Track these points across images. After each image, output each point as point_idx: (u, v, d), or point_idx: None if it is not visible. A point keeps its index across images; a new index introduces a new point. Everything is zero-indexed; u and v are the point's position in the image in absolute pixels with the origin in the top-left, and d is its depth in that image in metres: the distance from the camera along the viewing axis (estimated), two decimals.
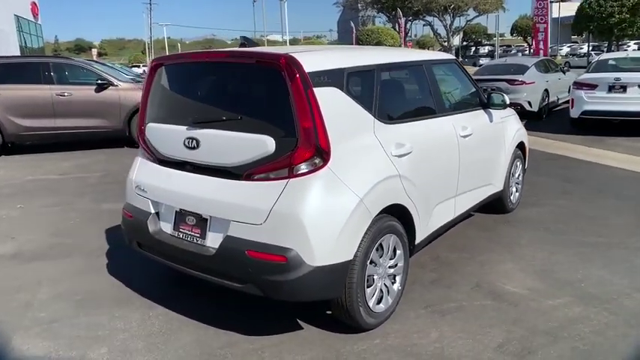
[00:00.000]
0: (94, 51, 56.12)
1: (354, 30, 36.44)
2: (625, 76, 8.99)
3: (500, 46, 58.36)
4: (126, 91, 9.47)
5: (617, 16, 13.31)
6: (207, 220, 2.86)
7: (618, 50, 15.17)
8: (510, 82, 11.15)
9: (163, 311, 3.30)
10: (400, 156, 3.06)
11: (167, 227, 3.09)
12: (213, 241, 2.82)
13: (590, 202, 5.49)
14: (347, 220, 2.63)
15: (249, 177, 2.68)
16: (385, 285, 3.04)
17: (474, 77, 12.53)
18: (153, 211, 3.14)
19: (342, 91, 2.79)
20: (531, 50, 16.95)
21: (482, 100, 4.39)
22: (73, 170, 7.85)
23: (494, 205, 4.82)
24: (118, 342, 2.96)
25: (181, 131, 2.94)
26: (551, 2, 17.14)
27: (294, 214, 2.54)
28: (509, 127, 4.79)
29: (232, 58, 2.95)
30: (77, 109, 9.15)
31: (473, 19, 42.13)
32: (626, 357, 2.72)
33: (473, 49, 52.14)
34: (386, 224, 2.91)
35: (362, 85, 3.00)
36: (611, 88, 9.03)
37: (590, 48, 35.55)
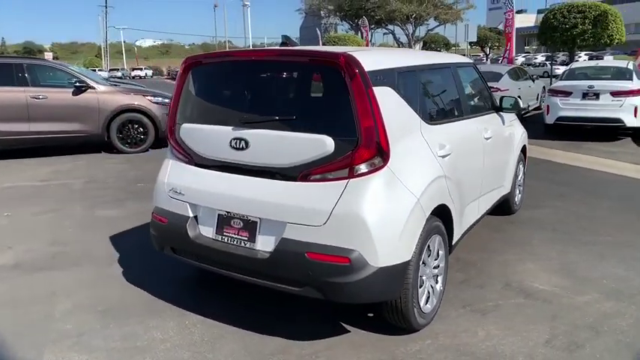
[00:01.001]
0: (49, 54, 53.75)
1: (320, 37, 36.66)
2: (598, 84, 9.45)
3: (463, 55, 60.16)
4: (105, 94, 9.14)
5: (580, 27, 14.05)
6: (256, 222, 2.79)
7: (573, 60, 16.09)
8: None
9: (199, 319, 3.18)
10: (443, 157, 3.08)
11: (208, 231, 2.98)
12: (264, 244, 2.74)
13: (585, 203, 5.71)
14: (406, 220, 2.62)
15: (305, 178, 2.63)
16: (431, 286, 3.05)
17: None
18: (191, 215, 3.03)
19: (395, 90, 2.79)
20: (505, 58, 17.55)
21: (494, 104, 4.50)
22: (54, 176, 7.47)
23: (502, 206, 4.94)
24: (161, 352, 2.83)
25: (226, 132, 2.85)
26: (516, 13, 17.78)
27: (357, 214, 2.51)
28: (516, 131, 4.93)
29: (284, 57, 2.89)
30: (53, 113, 8.73)
31: (433, 28, 43.27)
32: None
33: None
34: (434, 224, 2.93)
35: (409, 86, 3.01)
36: (584, 95, 9.46)
37: (544, 58, 37.23)
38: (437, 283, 3.14)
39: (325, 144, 2.55)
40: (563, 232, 4.76)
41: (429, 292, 3.02)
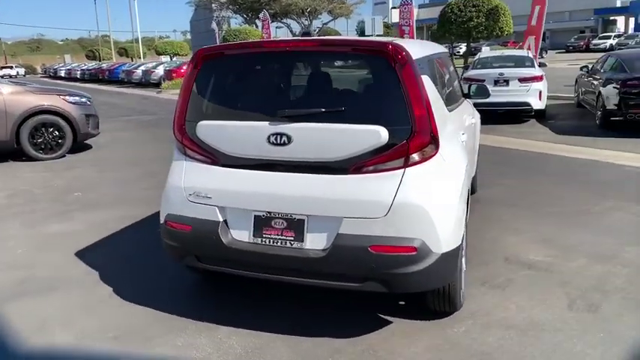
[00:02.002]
0: None
1: (217, 30, 35.70)
2: (507, 72, 10.36)
3: None
4: (12, 95, 8.08)
5: (475, 20, 15.31)
6: (303, 221, 2.67)
7: (474, 50, 17.58)
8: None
9: (230, 330, 2.98)
10: (463, 142, 3.19)
11: (243, 235, 2.79)
12: (315, 242, 2.64)
13: (528, 179, 6.25)
14: (458, 205, 2.68)
15: (358, 170, 2.57)
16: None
17: None
18: (221, 219, 2.81)
19: (430, 78, 2.82)
20: None
21: (463, 91, 4.74)
22: None
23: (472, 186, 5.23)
24: None
25: (263, 127, 2.68)
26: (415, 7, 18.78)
27: (419, 203, 2.52)
28: (477, 115, 5.24)
29: (326, 47, 2.77)
30: None
31: (328, 22, 44.25)
32: None
33: None
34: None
35: (433, 73, 3.06)
36: (496, 82, 10.30)
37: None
38: (463, 263, 3.26)
39: (380, 134, 2.51)
40: (525, 207, 5.17)
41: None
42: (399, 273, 2.51)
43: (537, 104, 10.23)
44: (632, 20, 43.94)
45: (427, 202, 2.54)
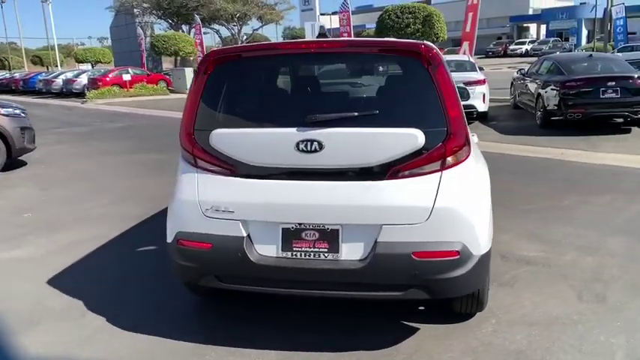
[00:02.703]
0: None
1: (143, 36, 34.25)
2: (454, 75, 10.73)
3: None
4: None
5: (412, 26, 15.84)
6: (337, 230, 2.55)
7: None
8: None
9: (257, 353, 2.78)
10: (477, 143, 3.22)
11: (270, 249, 2.63)
12: (351, 252, 2.54)
13: (493, 178, 6.47)
14: (489, 206, 2.69)
15: (395, 175, 2.50)
16: None
17: None
18: (244, 234, 2.63)
19: None
20: None
21: None
22: None
23: None
24: None
25: (290, 134, 2.53)
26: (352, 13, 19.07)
27: (459, 206, 2.50)
28: None
29: (354, 48, 2.66)
30: None
31: (258, 28, 43.94)
32: None
33: None
34: None
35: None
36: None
37: None
38: None
39: (417, 138, 2.46)
40: (503, 204, 5.32)
41: None
42: (443, 278, 2.47)
43: (481, 107, 10.71)
44: (543, 27, 47.63)
45: (466, 204, 2.52)
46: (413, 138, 2.47)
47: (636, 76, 8.91)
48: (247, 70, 2.75)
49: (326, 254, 2.56)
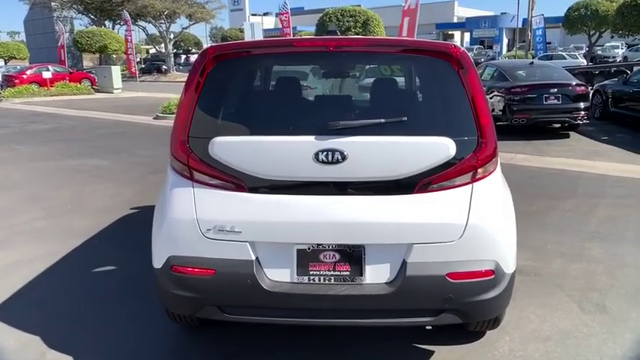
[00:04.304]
0: None
1: (63, 32, 31.85)
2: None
3: None
4: None
5: (353, 30, 15.86)
6: (360, 251, 2.28)
7: None
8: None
9: None
10: None
11: (281, 274, 2.30)
12: (376, 275, 2.27)
13: None
14: (515, 218, 2.53)
15: (425, 188, 2.27)
16: None
17: None
18: (253, 257, 2.28)
19: None
20: None
21: None
22: None
23: None
24: None
25: (309, 143, 2.22)
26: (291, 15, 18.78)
27: (492, 221, 2.31)
28: None
29: (375, 48, 2.38)
30: None
31: (188, 27, 42.24)
32: None
33: (183, 57, 52.76)
34: None
35: None
36: None
37: None
38: None
39: (448, 147, 2.24)
40: None
41: None
42: (478, 300, 2.27)
43: None
44: (467, 35, 50.02)
45: (498, 219, 2.35)
46: (444, 147, 2.24)
47: (574, 83, 9.39)
48: (255, 69, 2.40)
49: (348, 278, 2.28)
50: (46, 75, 22.93)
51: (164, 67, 41.18)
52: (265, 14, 59.64)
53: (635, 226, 4.76)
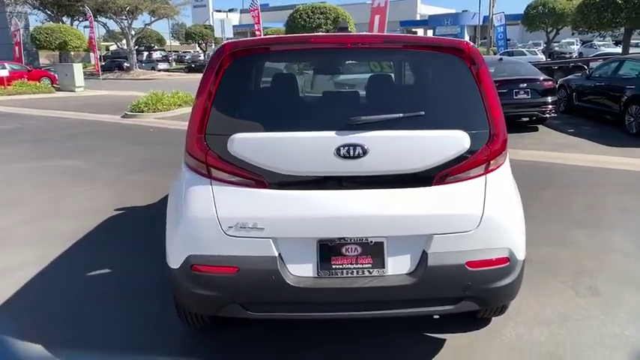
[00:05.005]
0: None
1: (20, 28, 30.54)
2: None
3: (184, 52, 59.22)
4: None
5: (324, 27, 15.90)
6: (381, 243, 2.33)
7: None
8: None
9: None
10: None
11: (304, 269, 2.33)
12: (398, 266, 2.33)
13: None
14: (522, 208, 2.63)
15: (442, 180, 2.34)
16: None
17: None
18: (276, 254, 2.30)
19: None
20: None
21: None
22: None
23: None
24: None
25: (330, 138, 2.25)
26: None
27: (506, 210, 2.41)
28: None
29: (392, 44, 2.42)
30: None
31: (151, 23, 41.20)
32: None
33: (145, 54, 51.59)
34: None
35: None
36: None
37: None
38: None
39: (463, 140, 2.32)
40: None
41: None
42: (495, 287, 2.37)
43: None
44: (430, 32, 50.91)
45: (511, 208, 2.45)
46: (460, 141, 2.32)
47: (542, 78, 9.74)
48: (273, 66, 2.40)
49: (370, 270, 2.33)
50: (3, 73, 21.93)
51: (126, 64, 40.13)
52: (230, 10, 58.96)
53: (612, 213, 5.01)
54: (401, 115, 2.30)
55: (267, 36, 2.44)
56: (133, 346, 2.87)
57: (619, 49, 25.27)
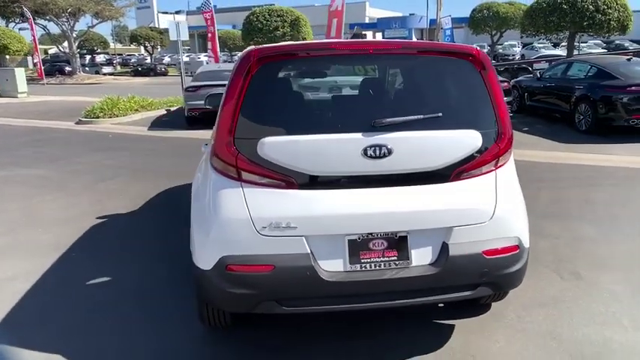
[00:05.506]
0: None
1: None
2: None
3: (129, 55, 57.36)
4: None
5: (281, 29, 15.97)
6: (405, 237, 2.49)
7: None
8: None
9: None
10: None
11: (336, 264, 2.45)
12: (420, 257, 2.50)
13: None
14: None
15: (458, 176, 2.53)
16: None
17: (194, 84, 12.66)
18: (309, 251, 2.41)
19: None
20: (211, 57, 17.86)
21: None
22: None
23: None
24: None
25: (357, 139, 2.39)
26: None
27: (515, 202, 2.64)
28: None
29: (410, 50, 2.58)
30: None
31: (94, 25, 39.64)
32: None
33: (88, 57, 49.66)
34: None
35: None
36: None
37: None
38: None
39: (477, 139, 2.53)
40: None
41: None
42: (507, 273, 2.58)
43: None
44: (379, 35, 51.96)
45: (518, 200, 2.69)
46: (474, 139, 2.53)
47: (501, 79, 10.29)
48: (299, 71, 2.50)
49: (396, 262, 2.48)
50: None
51: (67, 68, 38.45)
52: (177, 12, 57.73)
53: (576, 205, 5.43)
54: (421, 116, 2.48)
55: (295, 42, 2.53)
56: (152, 350, 2.88)
57: (558, 51, 26.93)
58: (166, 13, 55.57)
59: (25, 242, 4.67)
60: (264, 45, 2.60)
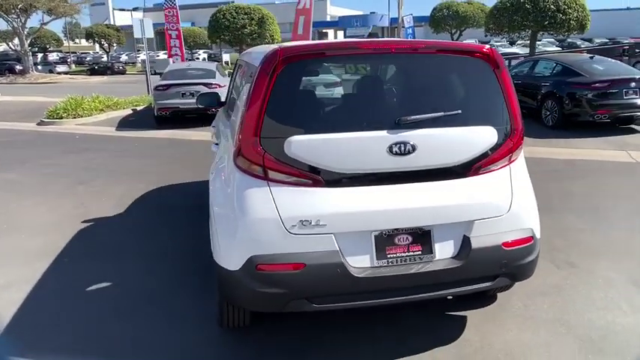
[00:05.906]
0: None
1: None
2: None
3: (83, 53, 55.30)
4: None
5: (249, 27, 15.80)
6: (429, 231, 2.56)
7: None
8: (207, 85, 11.70)
9: None
10: None
11: (363, 260, 2.49)
12: (443, 251, 2.57)
13: None
14: None
15: (477, 171, 2.62)
16: None
17: (163, 82, 12.41)
18: (337, 248, 2.43)
19: None
20: (176, 56, 17.40)
21: None
22: None
23: None
24: None
25: (383, 137, 2.44)
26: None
27: (528, 194, 2.76)
28: None
29: (428, 49, 2.63)
30: None
31: (48, 22, 38.03)
32: None
33: (40, 55, 47.68)
34: None
35: None
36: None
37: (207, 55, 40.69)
38: None
39: (494, 134, 2.62)
40: None
41: None
42: (524, 263, 2.69)
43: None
44: (340, 33, 52.28)
45: (530, 193, 2.80)
46: (490, 135, 2.62)
47: None
48: (323, 70, 2.52)
49: (421, 257, 2.55)
50: None
51: (18, 67, 36.78)
52: (135, 9, 56.10)
53: (561, 197, 5.67)
54: (442, 113, 2.54)
55: (316, 42, 2.52)
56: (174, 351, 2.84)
57: (514, 49, 27.85)
58: (123, 10, 53.99)
59: (12, 249, 4.47)
60: (287, 44, 2.60)
